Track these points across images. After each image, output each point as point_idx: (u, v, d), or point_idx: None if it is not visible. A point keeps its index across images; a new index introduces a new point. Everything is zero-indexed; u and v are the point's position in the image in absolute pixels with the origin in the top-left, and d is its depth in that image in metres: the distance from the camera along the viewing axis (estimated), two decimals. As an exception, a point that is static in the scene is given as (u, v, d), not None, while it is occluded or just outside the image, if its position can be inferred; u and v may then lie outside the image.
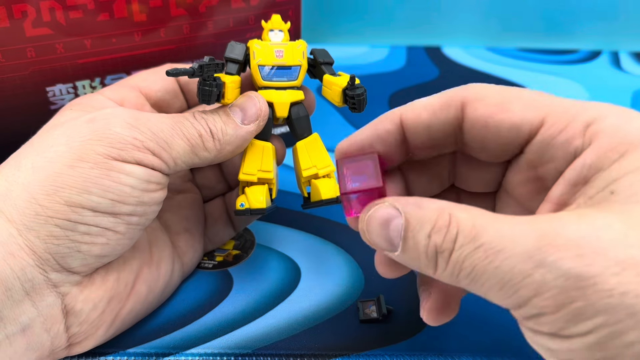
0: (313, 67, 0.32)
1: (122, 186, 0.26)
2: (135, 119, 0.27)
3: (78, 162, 0.25)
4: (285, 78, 0.31)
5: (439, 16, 0.67)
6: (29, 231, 0.24)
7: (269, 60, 0.31)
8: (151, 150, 0.27)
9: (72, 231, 0.25)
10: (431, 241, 0.21)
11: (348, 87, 0.30)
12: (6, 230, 0.24)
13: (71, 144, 0.26)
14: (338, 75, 0.31)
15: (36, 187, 0.25)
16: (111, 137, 0.26)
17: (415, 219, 0.22)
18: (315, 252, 0.36)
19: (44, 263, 0.25)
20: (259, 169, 0.31)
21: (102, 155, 0.25)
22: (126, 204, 0.26)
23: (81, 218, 0.25)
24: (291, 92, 0.31)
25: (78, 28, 0.34)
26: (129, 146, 0.26)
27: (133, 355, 0.28)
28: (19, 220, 0.24)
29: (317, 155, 0.32)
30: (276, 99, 0.31)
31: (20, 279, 0.24)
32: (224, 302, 0.32)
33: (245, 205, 0.30)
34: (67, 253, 0.25)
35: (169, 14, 0.36)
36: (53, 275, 0.25)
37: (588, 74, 0.60)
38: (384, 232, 0.23)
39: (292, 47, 0.31)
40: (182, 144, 0.27)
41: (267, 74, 0.31)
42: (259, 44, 0.31)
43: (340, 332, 0.30)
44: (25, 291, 0.24)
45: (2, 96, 0.33)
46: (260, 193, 0.31)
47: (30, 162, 0.26)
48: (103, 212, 0.25)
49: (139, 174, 0.26)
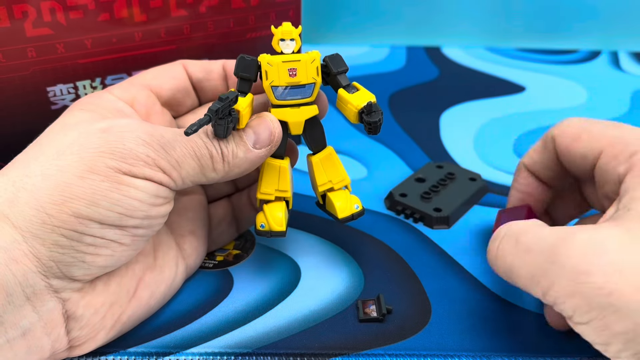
0: (327, 74, 0.31)
1: (130, 200, 0.26)
2: (149, 135, 0.27)
3: (88, 173, 0.25)
4: (300, 96, 0.30)
5: (439, 16, 0.67)
6: (34, 238, 0.24)
7: (282, 81, 0.30)
8: (162, 168, 0.27)
9: (77, 242, 0.25)
10: (493, 242, 0.28)
11: (365, 111, 0.30)
12: (11, 236, 0.24)
13: (83, 154, 0.26)
14: (353, 87, 0.31)
15: (45, 195, 0.25)
16: (124, 152, 0.26)
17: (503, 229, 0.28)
18: (316, 252, 0.36)
19: (47, 270, 0.25)
20: (276, 188, 0.31)
21: (113, 168, 0.25)
22: (133, 217, 0.26)
23: (88, 230, 0.25)
24: (305, 108, 0.31)
25: (79, 28, 0.34)
26: (141, 162, 0.26)
27: (133, 355, 0.28)
28: (24, 227, 0.24)
29: (332, 169, 0.32)
30: (290, 118, 0.31)
31: (21, 284, 0.24)
32: (224, 302, 0.32)
33: (265, 227, 0.31)
34: (72, 262, 0.25)
35: (170, 14, 0.36)
36: (55, 282, 0.25)
37: (587, 74, 0.61)
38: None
39: (305, 64, 0.30)
40: (192, 163, 0.27)
41: (280, 94, 0.30)
42: (271, 61, 0.30)
43: (340, 332, 0.30)
44: (26, 296, 0.24)
45: (3, 96, 0.33)
46: (280, 212, 0.31)
47: (40, 168, 0.26)
48: (110, 225, 0.26)
49: (147, 189, 0.26)
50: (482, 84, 0.58)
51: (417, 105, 0.54)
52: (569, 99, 0.56)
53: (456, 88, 0.57)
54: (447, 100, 0.55)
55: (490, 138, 0.49)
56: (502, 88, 0.57)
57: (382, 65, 0.62)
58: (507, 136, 0.49)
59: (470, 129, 0.50)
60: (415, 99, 0.55)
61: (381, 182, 0.42)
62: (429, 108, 0.53)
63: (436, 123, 0.51)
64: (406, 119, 0.51)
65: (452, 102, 0.55)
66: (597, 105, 0.55)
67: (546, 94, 0.57)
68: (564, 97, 0.56)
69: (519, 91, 0.57)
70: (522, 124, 0.51)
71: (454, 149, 0.47)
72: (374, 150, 0.46)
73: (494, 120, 0.52)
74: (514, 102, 0.55)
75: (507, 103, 0.55)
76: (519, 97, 0.56)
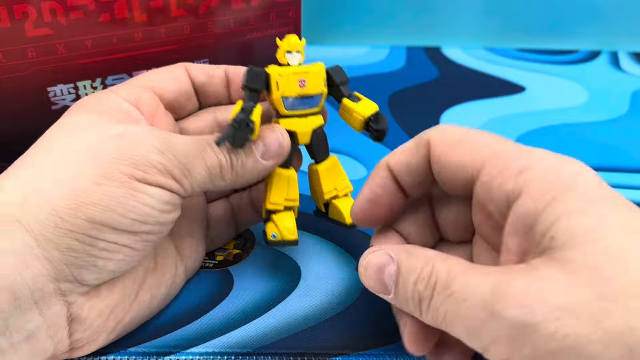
0: (329, 85, 0.31)
1: (143, 206, 0.26)
2: (162, 142, 0.27)
3: (104, 179, 0.25)
4: (308, 106, 0.31)
5: (438, 16, 0.67)
6: (47, 242, 0.24)
7: (293, 92, 0.30)
8: (173, 175, 0.27)
9: (91, 246, 0.25)
10: (416, 288, 0.24)
11: (372, 119, 0.30)
12: (23, 240, 0.24)
13: (98, 160, 0.26)
14: (355, 97, 0.31)
15: (59, 200, 0.25)
16: (138, 159, 0.26)
17: (405, 266, 0.25)
18: (316, 251, 0.36)
19: (58, 273, 0.25)
20: (285, 198, 0.32)
21: (127, 175, 0.26)
22: (146, 223, 0.26)
23: (101, 235, 0.25)
24: (312, 118, 0.31)
25: (79, 28, 0.34)
26: (154, 170, 0.26)
27: (134, 355, 0.28)
28: (38, 231, 0.24)
29: (337, 178, 0.33)
30: (299, 129, 0.31)
31: (30, 288, 0.24)
32: (224, 302, 0.32)
33: (277, 237, 0.31)
34: (84, 266, 0.25)
35: (170, 15, 0.36)
36: (64, 285, 0.25)
37: (587, 74, 0.61)
38: (379, 277, 0.25)
39: (314, 75, 0.30)
40: (202, 172, 0.28)
41: (290, 104, 0.30)
42: (281, 72, 0.30)
43: (340, 332, 0.30)
44: (34, 300, 0.24)
45: (3, 96, 0.34)
46: (290, 221, 0.32)
47: (52, 171, 0.26)
48: (123, 230, 0.26)
49: (160, 196, 0.27)
50: (482, 84, 0.58)
51: (417, 105, 0.54)
52: (569, 99, 0.56)
53: (456, 88, 0.57)
54: (447, 100, 0.55)
55: (490, 138, 0.49)
56: (502, 88, 0.57)
57: (382, 65, 0.62)
58: (507, 136, 0.49)
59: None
60: (415, 99, 0.55)
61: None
62: (429, 108, 0.54)
63: (436, 123, 0.51)
64: (406, 119, 0.52)
65: (452, 102, 0.55)
66: (597, 105, 0.55)
67: (546, 94, 0.57)
68: (564, 97, 0.56)
69: (519, 91, 0.57)
70: (522, 124, 0.51)
71: (454, 149, 0.47)
72: (374, 150, 0.46)
73: (494, 120, 0.52)
74: (514, 102, 0.55)
75: (507, 103, 0.55)
76: (519, 97, 0.56)
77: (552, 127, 0.51)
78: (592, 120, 0.52)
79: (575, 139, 0.49)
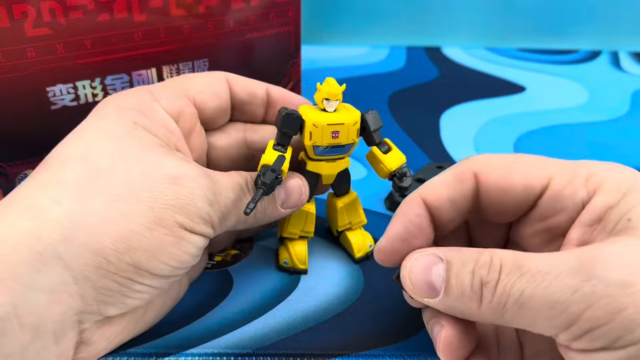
0: (362, 129, 0.31)
1: (185, 254, 0.26)
2: (213, 193, 0.27)
3: (157, 226, 0.25)
4: (337, 154, 0.31)
5: (439, 16, 0.67)
6: (86, 280, 0.24)
7: (325, 142, 0.30)
8: (213, 224, 0.27)
9: (127, 288, 0.25)
10: (475, 276, 0.23)
11: (397, 176, 0.31)
12: (61, 278, 0.24)
13: (153, 204, 0.25)
14: (384, 143, 0.32)
15: (107, 241, 0.24)
16: (191, 210, 0.26)
17: (458, 260, 0.23)
18: (315, 252, 0.36)
19: (85, 307, 0.25)
20: (301, 229, 0.33)
21: (178, 224, 0.26)
22: (181, 269, 0.27)
23: (140, 279, 0.25)
24: (340, 162, 0.32)
25: (78, 28, 0.34)
26: (202, 220, 0.27)
27: (133, 356, 0.28)
28: (78, 269, 0.24)
29: (354, 213, 0.34)
30: (325, 172, 0.32)
31: (54, 321, 0.24)
32: (224, 302, 0.32)
33: (289, 264, 0.33)
34: (113, 303, 0.25)
35: (169, 14, 0.36)
36: (85, 317, 0.25)
37: (588, 74, 0.61)
38: (426, 278, 0.24)
39: (348, 127, 0.30)
40: (233, 220, 0.29)
41: (320, 152, 0.31)
42: (317, 123, 0.29)
43: (340, 332, 0.30)
44: (53, 331, 0.24)
45: (2, 96, 0.33)
46: (302, 252, 0.33)
47: (101, 206, 0.25)
48: (161, 276, 0.26)
49: (199, 243, 0.27)
50: (482, 84, 0.58)
51: (417, 105, 0.54)
52: (569, 99, 0.56)
53: (456, 88, 0.57)
54: (447, 100, 0.55)
55: (490, 138, 0.49)
56: (502, 88, 0.57)
57: (382, 65, 0.62)
58: (507, 136, 0.49)
59: (470, 129, 0.50)
60: (415, 99, 0.55)
61: (381, 182, 0.42)
62: (429, 108, 0.54)
63: (436, 123, 0.51)
64: (406, 119, 0.52)
65: (452, 102, 0.55)
66: (597, 105, 0.55)
67: (546, 94, 0.57)
68: (564, 97, 0.56)
69: (519, 91, 0.57)
70: (522, 124, 0.51)
71: (454, 149, 0.47)
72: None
73: (494, 120, 0.52)
74: (514, 102, 0.55)
75: (507, 103, 0.55)
76: (519, 97, 0.56)
77: (553, 127, 0.51)
78: (592, 121, 0.52)
79: (575, 139, 0.49)
